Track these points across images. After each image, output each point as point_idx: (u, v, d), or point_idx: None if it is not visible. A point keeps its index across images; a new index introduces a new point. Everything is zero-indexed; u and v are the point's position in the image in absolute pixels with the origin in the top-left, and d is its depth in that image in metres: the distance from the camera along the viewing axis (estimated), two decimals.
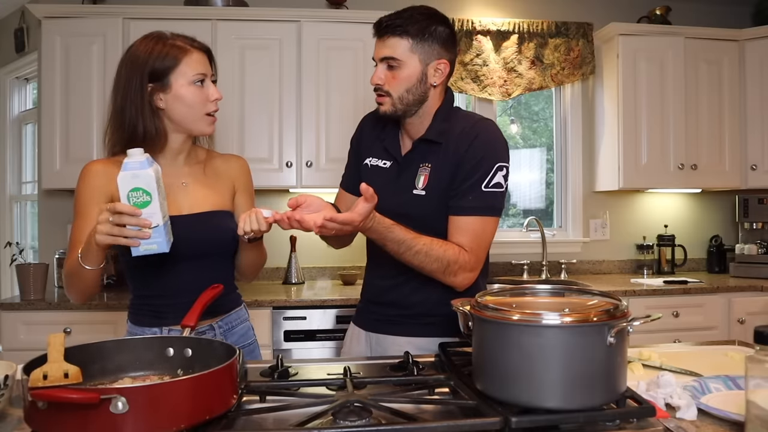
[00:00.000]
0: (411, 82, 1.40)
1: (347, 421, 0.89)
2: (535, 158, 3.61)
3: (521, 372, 0.89)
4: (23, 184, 3.61)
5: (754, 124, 3.23)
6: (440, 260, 1.34)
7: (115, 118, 1.37)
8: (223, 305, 1.48)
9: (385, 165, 1.53)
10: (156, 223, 1.15)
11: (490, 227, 1.42)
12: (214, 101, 1.40)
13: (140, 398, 0.78)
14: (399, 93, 1.41)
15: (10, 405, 1.03)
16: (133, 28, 2.76)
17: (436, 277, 1.37)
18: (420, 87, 1.41)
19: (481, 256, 1.41)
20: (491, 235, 1.43)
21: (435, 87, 1.43)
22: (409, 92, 1.41)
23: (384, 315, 1.52)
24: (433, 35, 1.40)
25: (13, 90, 3.57)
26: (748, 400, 0.82)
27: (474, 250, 1.39)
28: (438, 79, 1.42)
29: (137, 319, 1.46)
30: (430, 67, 1.41)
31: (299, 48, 2.85)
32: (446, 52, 1.43)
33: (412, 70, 1.40)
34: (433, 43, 1.40)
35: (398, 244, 1.30)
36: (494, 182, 1.38)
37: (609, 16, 3.38)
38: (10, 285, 3.42)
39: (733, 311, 2.87)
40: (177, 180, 1.45)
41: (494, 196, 1.39)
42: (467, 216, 1.39)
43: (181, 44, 1.37)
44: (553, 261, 3.35)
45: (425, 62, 1.40)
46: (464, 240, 1.38)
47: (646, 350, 1.35)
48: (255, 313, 2.51)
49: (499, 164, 1.39)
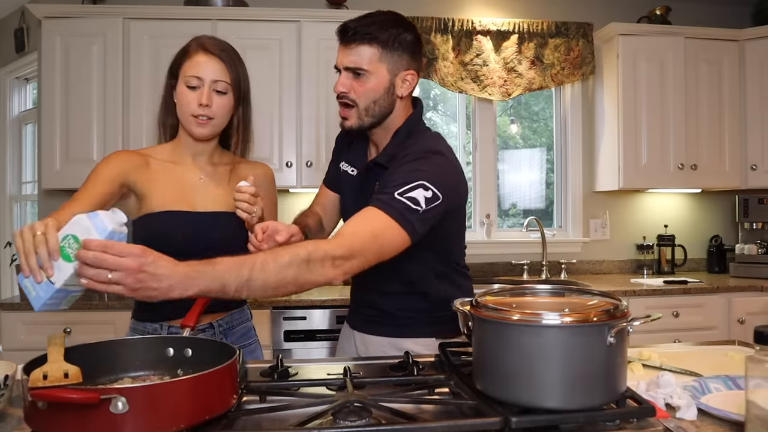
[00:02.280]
0: (378, 92, 1.32)
1: (347, 421, 0.89)
2: (535, 158, 3.61)
3: (521, 372, 0.89)
4: (23, 184, 3.61)
5: (754, 124, 3.23)
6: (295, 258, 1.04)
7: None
8: (224, 304, 1.49)
9: (353, 172, 1.50)
10: (54, 281, 0.97)
11: (386, 226, 1.15)
12: (199, 106, 1.37)
13: (140, 398, 0.78)
14: (366, 104, 1.33)
15: (10, 405, 1.03)
16: (133, 28, 2.76)
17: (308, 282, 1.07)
18: (387, 98, 1.34)
19: (357, 248, 1.11)
20: (385, 238, 1.15)
21: (401, 99, 1.36)
22: (376, 104, 1.33)
23: (368, 316, 1.53)
24: (402, 44, 1.33)
25: (13, 90, 3.57)
26: (748, 400, 0.82)
27: (347, 237, 1.12)
28: (405, 90, 1.35)
29: (140, 314, 1.50)
30: (398, 78, 1.34)
31: (299, 48, 2.85)
32: (414, 62, 1.36)
33: (380, 81, 1.32)
34: (402, 52, 1.33)
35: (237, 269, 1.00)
36: (410, 195, 1.18)
37: (609, 16, 3.38)
38: (10, 285, 3.42)
39: (733, 311, 2.87)
40: (195, 175, 1.47)
41: (404, 204, 1.17)
42: (368, 205, 1.19)
43: (193, 45, 1.43)
44: (553, 261, 3.35)
45: (393, 72, 1.33)
46: (346, 226, 1.17)
47: (646, 350, 1.35)
48: (255, 313, 2.50)
49: (423, 183, 1.20)
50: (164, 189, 1.42)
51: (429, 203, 1.20)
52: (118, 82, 2.75)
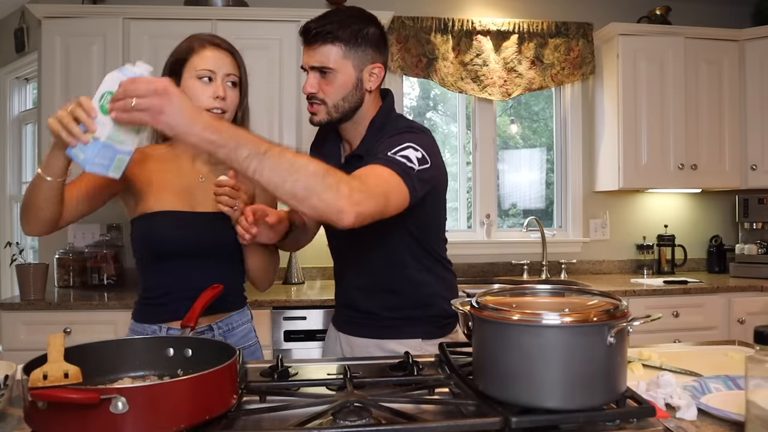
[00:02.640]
0: (347, 89, 1.34)
1: (347, 421, 0.89)
2: (535, 158, 3.61)
3: (521, 372, 0.89)
4: (23, 184, 3.61)
5: (754, 124, 3.23)
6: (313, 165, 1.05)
7: None
8: (224, 306, 1.47)
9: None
10: (98, 136, 1.01)
11: (391, 179, 1.18)
12: (216, 98, 1.37)
13: (140, 398, 0.78)
14: (334, 101, 1.35)
15: (10, 405, 1.03)
16: (133, 28, 2.76)
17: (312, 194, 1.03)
18: (356, 94, 1.36)
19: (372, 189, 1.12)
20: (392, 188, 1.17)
21: (370, 92, 1.38)
22: (345, 100, 1.35)
23: (351, 317, 1.52)
24: (366, 39, 1.34)
25: (13, 90, 3.57)
26: (748, 400, 0.82)
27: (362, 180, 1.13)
28: (374, 83, 1.37)
29: (140, 316, 1.49)
30: (365, 72, 1.35)
31: (299, 48, 2.83)
32: (379, 55, 1.37)
33: (347, 77, 1.34)
34: (367, 47, 1.34)
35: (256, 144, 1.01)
36: (402, 153, 1.22)
37: (609, 16, 3.38)
38: (10, 285, 3.42)
39: (733, 311, 2.87)
40: (195, 175, 1.47)
41: (401, 161, 1.21)
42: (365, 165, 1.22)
43: (197, 41, 1.42)
44: (553, 261, 3.35)
45: (359, 68, 1.34)
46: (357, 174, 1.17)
47: (646, 350, 1.35)
48: (255, 313, 2.50)
49: (411, 144, 1.25)
50: (163, 188, 1.41)
51: (421, 164, 1.23)
52: None
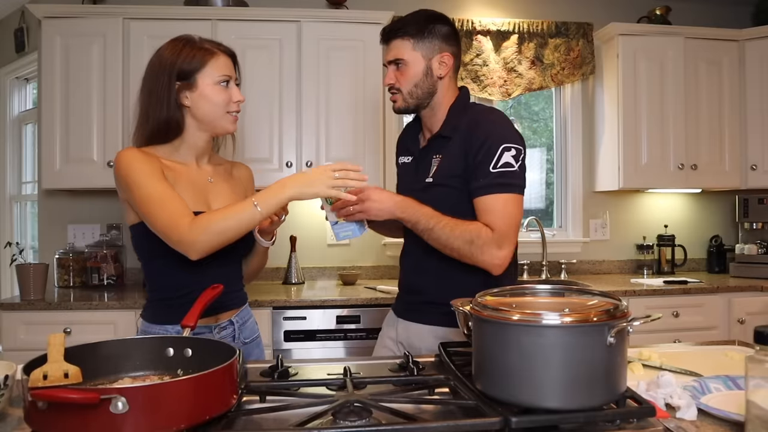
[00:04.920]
0: (418, 77, 1.51)
1: (347, 421, 0.89)
2: (535, 158, 3.61)
3: (521, 372, 0.89)
4: (23, 184, 3.61)
5: (754, 124, 3.23)
6: (464, 235, 1.39)
7: (143, 115, 1.43)
8: (240, 300, 1.57)
9: (408, 160, 1.65)
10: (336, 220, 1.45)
11: (509, 204, 1.42)
12: (236, 102, 1.47)
13: (140, 398, 0.78)
14: (408, 88, 1.52)
15: (10, 405, 1.03)
16: (133, 28, 2.76)
17: (465, 256, 1.41)
18: (427, 80, 1.52)
19: (505, 231, 1.40)
20: (513, 211, 1.43)
21: (441, 79, 1.52)
22: (418, 87, 1.52)
23: (411, 303, 1.61)
24: (432, 32, 1.50)
25: (13, 90, 3.57)
26: (748, 400, 0.82)
27: (496, 226, 1.40)
28: (444, 70, 1.52)
29: (157, 317, 1.46)
30: (434, 61, 1.51)
31: (299, 48, 2.85)
32: (448, 46, 1.52)
33: (418, 66, 1.51)
34: (434, 39, 1.50)
35: (428, 218, 1.41)
36: (502, 162, 1.42)
37: (609, 16, 3.38)
38: (10, 285, 3.42)
39: (733, 311, 2.87)
40: (204, 177, 1.51)
41: (503, 175, 1.42)
42: (482, 196, 1.43)
43: (208, 47, 1.46)
44: (553, 261, 3.35)
45: (428, 57, 1.51)
46: (485, 218, 1.42)
47: (646, 350, 1.36)
48: (255, 312, 2.49)
49: (505, 145, 1.43)
50: (182, 190, 1.41)
51: (517, 159, 1.44)
52: (118, 82, 2.75)
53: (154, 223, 1.32)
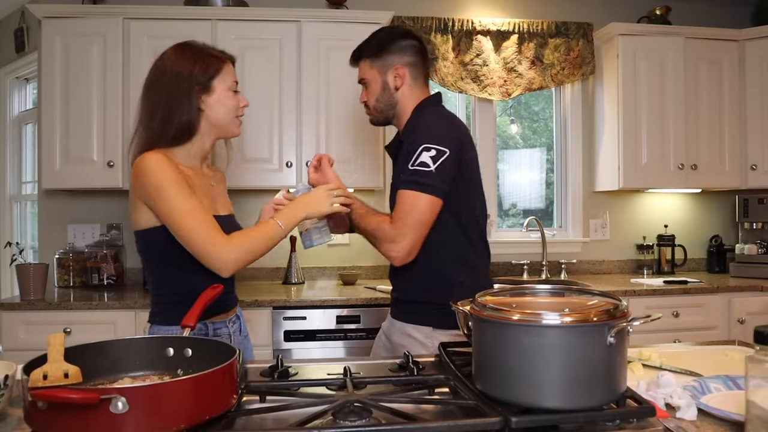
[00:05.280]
0: (378, 92, 1.66)
1: (347, 421, 0.89)
2: (535, 158, 3.61)
3: (521, 372, 0.89)
4: (23, 184, 3.61)
5: (754, 124, 3.23)
6: (370, 225, 1.55)
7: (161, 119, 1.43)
8: (234, 300, 1.62)
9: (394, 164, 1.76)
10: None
11: (415, 201, 1.49)
12: (243, 107, 1.55)
13: (140, 398, 0.78)
14: (373, 103, 1.68)
15: (10, 405, 1.03)
16: (133, 28, 2.76)
17: (374, 246, 1.56)
18: (386, 94, 1.65)
19: (402, 227, 1.48)
20: (418, 209, 1.49)
21: (398, 90, 1.64)
22: (379, 101, 1.66)
23: (394, 299, 1.74)
24: (386, 49, 1.63)
25: (13, 90, 3.57)
26: (748, 400, 0.82)
27: (397, 221, 1.50)
28: (399, 82, 1.63)
29: (171, 319, 1.42)
30: (388, 75, 1.64)
31: (299, 48, 2.85)
32: (401, 58, 1.63)
33: (376, 83, 1.65)
34: (387, 55, 1.63)
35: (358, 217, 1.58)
36: (419, 161, 1.49)
37: (609, 16, 3.38)
38: (10, 285, 3.42)
39: (733, 311, 2.87)
40: (208, 182, 1.57)
41: (416, 173, 1.49)
42: (398, 191, 1.53)
43: (219, 54, 1.53)
44: (553, 261, 3.35)
45: (383, 72, 1.64)
46: (394, 211, 1.53)
47: (646, 350, 1.36)
48: (255, 312, 2.51)
49: (425, 145, 1.50)
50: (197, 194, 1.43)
51: (435, 160, 1.48)
52: (118, 82, 2.75)
53: (189, 239, 1.36)
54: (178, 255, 1.40)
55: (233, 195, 3.25)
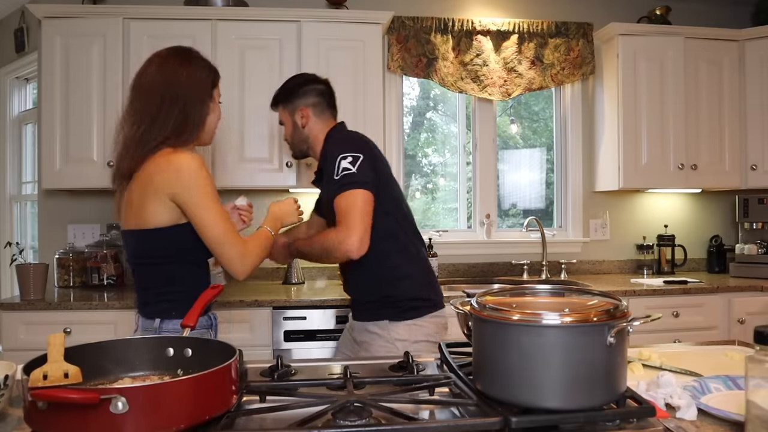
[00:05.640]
0: (290, 131, 1.94)
1: (347, 421, 0.89)
2: (535, 158, 3.61)
3: (521, 372, 0.89)
4: (23, 184, 3.61)
5: (754, 124, 3.23)
6: (322, 246, 1.71)
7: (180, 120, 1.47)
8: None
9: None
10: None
11: (351, 197, 1.68)
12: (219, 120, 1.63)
13: (140, 398, 0.78)
14: (290, 141, 1.97)
15: (10, 405, 1.03)
16: (133, 28, 2.76)
17: (330, 258, 1.72)
18: (297, 132, 1.92)
19: (352, 225, 1.65)
20: (357, 202, 1.67)
21: (305, 127, 1.90)
22: (294, 138, 1.94)
23: (352, 303, 1.99)
24: (293, 94, 1.91)
25: (13, 90, 3.57)
26: (748, 400, 0.82)
27: (341, 223, 1.67)
28: (305, 121, 1.90)
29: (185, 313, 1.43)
30: (296, 116, 1.91)
31: (299, 48, 2.85)
32: (304, 100, 1.90)
33: (289, 124, 1.94)
34: (294, 99, 1.90)
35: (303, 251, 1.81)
36: (341, 168, 1.71)
37: (609, 16, 3.38)
38: (10, 285, 3.42)
39: (733, 311, 2.87)
40: None
41: (343, 177, 1.70)
42: (334, 201, 1.71)
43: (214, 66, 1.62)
44: (553, 261, 3.35)
45: (292, 114, 1.92)
46: (337, 217, 1.70)
47: (646, 350, 1.36)
48: (255, 312, 2.52)
49: (341, 156, 1.72)
50: None
51: (354, 163, 1.70)
52: (118, 82, 2.75)
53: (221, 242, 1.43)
54: (201, 253, 1.47)
55: (232, 195, 3.26)
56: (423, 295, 1.82)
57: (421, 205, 3.55)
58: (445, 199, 3.56)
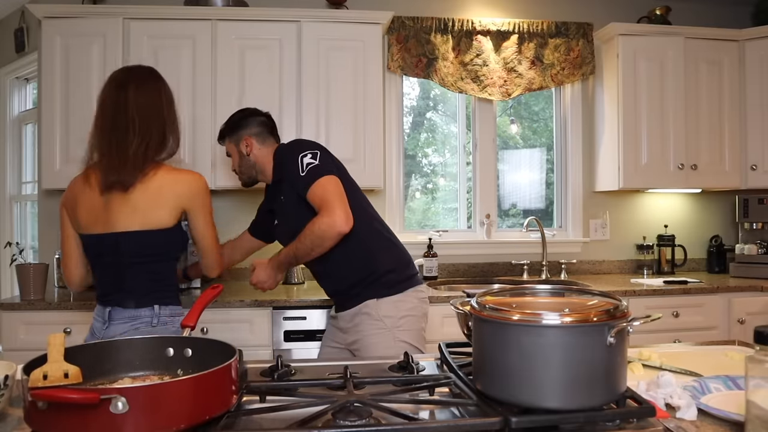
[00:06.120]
0: (237, 160, 2.06)
1: (347, 421, 0.89)
2: (535, 158, 3.61)
3: (521, 372, 0.89)
4: (23, 184, 3.61)
5: (754, 124, 3.23)
6: (308, 238, 1.77)
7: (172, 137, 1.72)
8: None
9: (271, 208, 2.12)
10: None
11: (323, 185, 1.78)
12: None
13: (140, 398, 0.78)
14: (239, 169, 2.08)
15: (10, 405, 1.03)
16: (133, 28, 2.76)
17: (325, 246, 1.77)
18: (243, 160, 2.04)
19: (329, 202, 1.75)
20: (328, 186, 1.78)
21: (249, 155, 2.02)
22: (241, 165, 2.05)
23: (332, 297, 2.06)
24: (236, 126, 2.03)
25: (13, 90, 3.57)
26: (748, 400, 0.82)
27: (324, 207, 1.76)
28: (249, 150, 2.02)
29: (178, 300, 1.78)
30: (241, 146, 2.03)
31: (299, 48, 2.85)
32: (247, 130, 2.02)
33: (235, 154, 2.05)
34: (237, 131, 2.03)
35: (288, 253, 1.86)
36: (304, 164, 1.81)
37: (609, 16, 3.38)
38: (10, 285, 3.42)
39: (733, 311, 2.87)
40: None
41: (309, 171, 1.80)
42: (307, 195, 1.80)
43: None
44: (553, 261, 3.35)
45: (237, 144, 2.04)
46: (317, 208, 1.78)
47: (646, 350, 1.36)
48: (255, 312, 2.51)
49: (300, 154, 1.84)
50: None
51: (315, 158, 1.83)
52: None
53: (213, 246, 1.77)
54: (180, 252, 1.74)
55: (232, 195, 3.25)
56: (399, 267, 1.94)
57: (421, 205, 3.55)
58: (445, 199, 3.56)
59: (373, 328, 1.86)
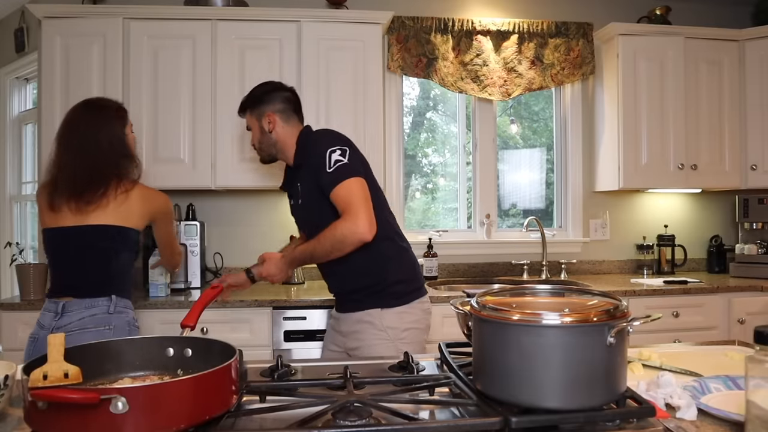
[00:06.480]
0: (257, 136, 1.97)
1: (347, 421, 0.89)
2: (535, 158, 3.61)
3: (521, 372, 0.89)
4: (23, 184, 3.61)
5: (754, 124, 3.23)
6: (327, 240, 1.72)
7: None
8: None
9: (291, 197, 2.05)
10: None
11: (350, 186, 1.73)
12: None
13: (140, 398, 0.78)
14: (258, 145, 1.99)
15: (10, 405, 1.03)
16: (133, 28, 2.76)
17: (344, 250, 1.72)
18: (264, 137, 1.95)
19: (355, 208, 1.70)
20: (355, 189, 1.72)
21: (272, 132, 1.93)
22: (261, 142, 1.97)
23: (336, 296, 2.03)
24: (259, 101, 1.95)
25: (13, 90, 3.57)
26: (748, 400, 0.82)
27: (349, 211, 1.71)
28: (272, 126, 1.93)
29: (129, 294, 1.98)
30: (263, 122, 1.94)
31: (299, 48, 2.85)
32: (271, 106, 1.94)
33: (256, 129, 1.97)
34: (260, 105, 1.94)
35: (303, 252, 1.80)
36: (333, 161, 1.75)
37: (609, 16, 3.38)
38: (10, 285, 3.42)
39: (733, 311, 2.87)
40: None
41: (337, 170, 1.74)
42: (331, 193, 1.74)
43: None
44: (553, 261, 3.35)
45: (259, 120, 1.95)
46: (339, 208, 1.74)
47: (646, 350, 1.36)
48: (255, 312, 2.52)
49: (330, 149, 1.77)
50: None
51: (344, 155, 1.76)
52: (118, 82, 2.75)
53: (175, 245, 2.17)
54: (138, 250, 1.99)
55: (231, 195, 3.26)
56: (408, 278, 1.90)
57: (421, 205, 3.55)
58: (445, 199, 3.56)
59: (375, 338, 1.83)
